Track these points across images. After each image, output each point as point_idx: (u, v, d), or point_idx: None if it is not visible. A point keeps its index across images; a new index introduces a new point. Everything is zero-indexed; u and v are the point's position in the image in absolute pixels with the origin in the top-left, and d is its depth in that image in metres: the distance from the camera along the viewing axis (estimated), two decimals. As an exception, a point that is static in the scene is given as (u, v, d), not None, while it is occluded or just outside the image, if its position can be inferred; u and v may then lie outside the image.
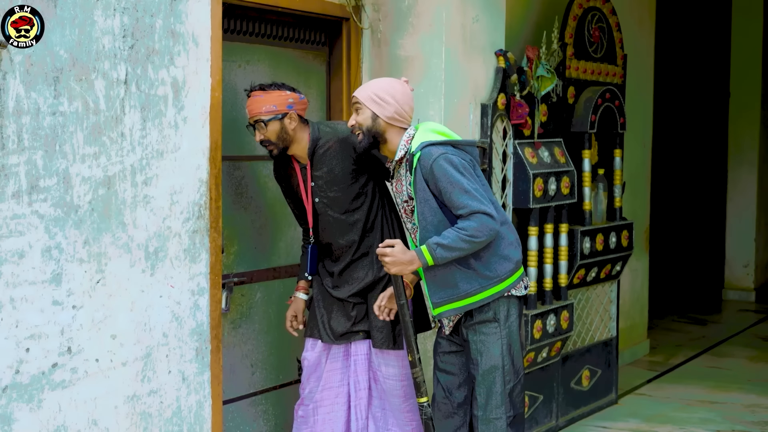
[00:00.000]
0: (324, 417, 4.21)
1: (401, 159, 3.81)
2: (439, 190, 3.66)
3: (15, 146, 3.17)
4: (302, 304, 4.30)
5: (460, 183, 3.63)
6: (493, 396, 3.78)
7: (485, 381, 3.79)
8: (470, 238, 3.61)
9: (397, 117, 3.80)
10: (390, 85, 3.85)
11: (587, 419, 5.86)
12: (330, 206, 4.13)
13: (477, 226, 3.60)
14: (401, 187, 3.85)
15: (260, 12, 4.45)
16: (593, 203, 5.84)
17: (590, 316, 5.98)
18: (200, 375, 3.91)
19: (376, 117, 3.80)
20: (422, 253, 3.64)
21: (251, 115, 4.03)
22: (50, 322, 3.32)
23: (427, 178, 3.68)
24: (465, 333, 3.82)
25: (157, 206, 3.68)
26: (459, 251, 3.63)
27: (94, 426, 3.50)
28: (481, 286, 3.73)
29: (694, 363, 7.45)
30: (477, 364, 3.79)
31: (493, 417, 3.79)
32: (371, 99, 3.81)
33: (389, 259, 3.65)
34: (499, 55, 5.00)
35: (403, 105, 3.81)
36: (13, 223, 3.19)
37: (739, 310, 9.60)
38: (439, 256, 3.63)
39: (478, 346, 3.78)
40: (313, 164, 4.11)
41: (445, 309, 3.76)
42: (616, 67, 6.13)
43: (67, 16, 3.31)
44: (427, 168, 3.67)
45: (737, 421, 5.87)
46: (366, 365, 4.21)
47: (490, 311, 3.76)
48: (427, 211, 3.70)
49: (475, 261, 3.71)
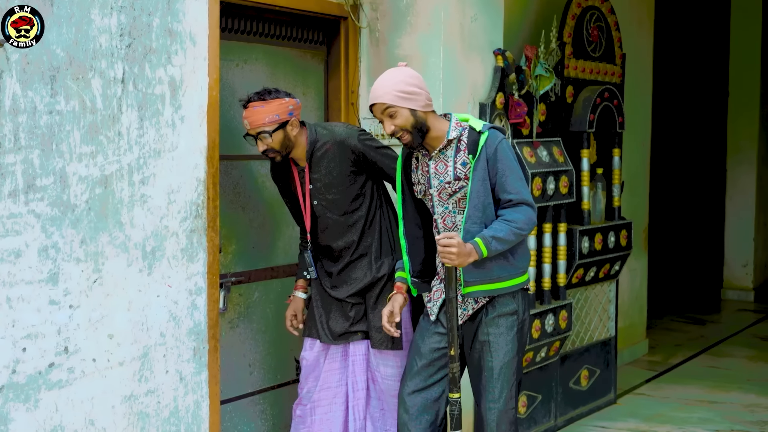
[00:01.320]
0: (322, 417, 4.21)
1: (452, 140, 3.80)
2: (496, 171, 3.74)
3: (12, 145, 3.16)
4: (301, 303, 4.29)
5: (517, 170, 3.78)
6: (507, 388, 3.83)
7: (502, 374, 3.82)
8: (519, 230, 3.72)
9: (428, 102, 3.79)
10: (406, 75, 3.77)
11: (586, 419, 5.85)
12: (329, 208, 4.11)
13: (525, 219, 3.72)
14: (444, 168, 3.82)
15: (258, 11, 4.44)
16: (592, 203, 5.83)
17: (589, 315, 5.97)
18: (198, 375, 3.90)
19: (415, 111, 3.74)
20: (478, 245, 3.68)
21: (253, 126, 3.95)
22: (47, 321, 3.32)
23: (489, 158, 3.74)
24: (484, 327, 3.83)
25: (154, 205, 3.68)
26: (509, 243, 3.73)
27: (91, 426, 3.49)
28: (510, 275, 3.81)
29: (693, 363, 7.45)
30: (495, 357, 3.82)
31: (510, 407, 3.85)
32: (400, 98, 3.72)
33: (456, 250, 3.63)
34: (498, 54, 4.99)
35: (426, 88, 3.80)
36: (9, 223, 3.18)
37: (738, 310, 9.60)
38: (494, 248, 3.70)
39: (498, 339, 3.82)
40: (311, 167, 4.10)
41: (475, 289, 3.79)
42: (615, 67, 6.12)
43: (63, 14, 3.30)
44: (492, 148, 3.74)
45: (736, 420, 5.87)
46: (364, 365, 4.20)
47: (512, 304, 3.83)
48: (482, 190, 3.75)
49: (509, 251, 3.80)
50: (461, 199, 3.79)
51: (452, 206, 3.83)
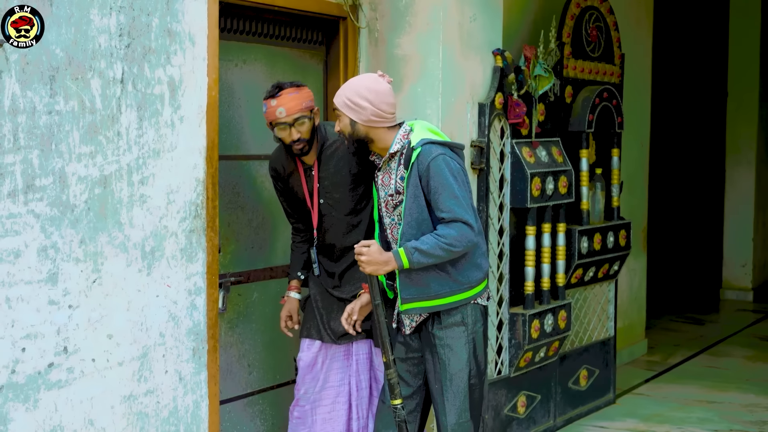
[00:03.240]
0: (324, 416, 4.21)
1: (394, 153, 3.79)
2: (429, 188, 3.67)
3: (11, 145, 3.17)
4: (296, 304, 4.29)
5: (452, 187, 3.66)
6: (459, 400, 3.79)
7: (453, 385, 3.78)
8: (448, 246, 3.63)
9: (374, 119, 3.75)
10: (364, 86, 3.76)
11: (585, 419, 5.86)
12: (335, 207, 4.11)
13: (456, 236, 3.63)
14: (389, 180, 3.82)
15: (257, 11, 4.44)
16: (591, 203, 5.83)
17: (588, 315, 5.98)
18: (197, 375, 3.90)
19: (354, 123, 3.76)
20: (399, 255, 3.65)
21: (290, 113, 3.92)
22: (46, 321, 3.32)
23: (422, 175, 3.68)
24: (432, 337, 3.80)
25: (153, 205, 3.68)
26: (435, 258, 3.65)
27: (91, 426, 3.49)
28: (452, 290, 3.75)
29: (692, 363, 7.45)
30: (445, 367, 3.78)
31: (463, 420, 3.80)
32: (346, 105, 3.76)
33: (365, 258, 3.65)
34: (497, 54, 5.00)
35: (379, 105, 3.74)
36: (8, 223, 3.18)
37: (737, 310, 9.61)
38: (416, 260, 3.64)
39: (446, 350, 3.78)
40: (320, 165, 4.10)
41: (413, 306, 3.76)
42: (614, 67, 6.12)
43: (63, 14, 3.30)
44: (424, 165, 3.67)
45: (735, 420, 5.87)
46: (367, 365, 4.20)
47: (458, 315, 3.78)
48: (414, 207, 3.70)
49: (450, 266, 3.73)
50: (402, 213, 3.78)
51: (396, 218, 3.82)
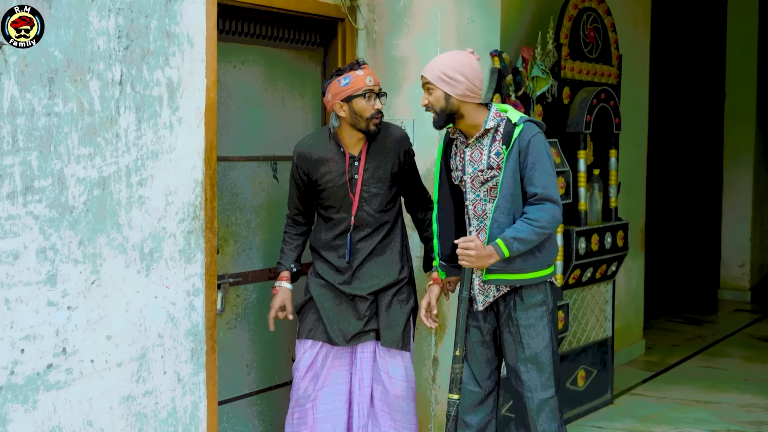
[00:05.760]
0: (325, 415, 4.21)
1: (489, 129, 3.85)
2: (526, 163, 3.78)
3: (10, 147, 3.17)
4: (290, 294, 4.28)
5: (547, 164, 3.80)
6: (544, 377, 3.87)
7: (537, 363, 3.86)
8: (541, 230, 3.76)
9: (468, 93, 3.82)
10: (458, 61, 3.84)
11: (583, 419, 5.86)
12: (369, 202, 4.16)
13: (548, 218, 3.76)
14: (479, 156, 3.88)
15: (255, 13, 4.45)
16: (589, 203, 5.84)
17: (586, 316, 5.98)
18: (195, 376, 3.91)
19: (449, 96, 3.82)
20: (499, 246, 3.74)
21: (377, 83, 4.10)
22: (45, 322, 3.32)
23: (521, 150, 3.78)
24: (514, 319, 3.87)
25: (152, 207, 3.68)
26: (531, 243, 3.77)
27: (89, 427, 3.50)
28: (533, 267, 3.85)
29: (690, 363, 7.45)
30: (528, 346, 3.86)
31: (550, 396, 3.89)
32: (441, 79, 3.82)
33: (474, 253, 3.73)
34: (494, 55, 5.00)
35: (473, 80, 3.83)
36: (7, 224, 3.19)
37: (735, 310, 9.61)
38: (515, 249, 3.75)
39: (529, 330, 3.86)
40: (368, 156, 4.14)
41: (497, 277, 3.84)
42: (612, 68, 6.13)
43: (61, 16, 3.31)
44: (525, 141, 3.78)
45: (732, 421, 5.87)
46: (371, 364, 4.21)
47: (540, 294, 3.88)
48: (511, 182, 3.79)
49: (536, 245, 3.83)
50: (492, 188, 3.86)
51: (483, 194, 3.89)
